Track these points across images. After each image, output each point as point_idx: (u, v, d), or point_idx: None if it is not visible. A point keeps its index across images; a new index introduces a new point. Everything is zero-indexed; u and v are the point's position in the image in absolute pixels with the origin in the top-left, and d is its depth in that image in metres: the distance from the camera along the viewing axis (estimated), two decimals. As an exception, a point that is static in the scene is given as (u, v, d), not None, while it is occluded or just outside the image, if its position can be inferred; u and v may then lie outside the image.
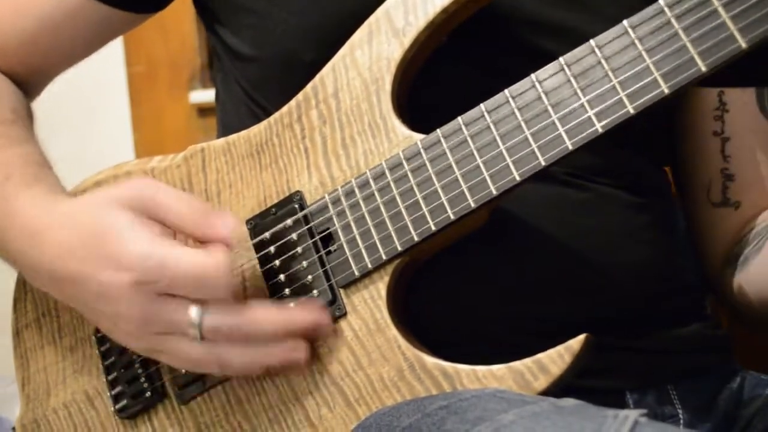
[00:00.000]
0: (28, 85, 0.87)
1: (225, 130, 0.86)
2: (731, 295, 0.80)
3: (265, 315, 0.66)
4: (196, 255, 0.63)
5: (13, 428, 0.83)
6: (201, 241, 0.66)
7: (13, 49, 0.84)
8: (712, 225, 0.82)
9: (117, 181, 0.80)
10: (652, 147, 0.80)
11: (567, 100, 0.65)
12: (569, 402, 0.60)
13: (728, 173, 0.80)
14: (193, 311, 0.64)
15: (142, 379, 0.76)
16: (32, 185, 0.73)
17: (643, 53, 0.63)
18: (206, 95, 1.54)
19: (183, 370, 0.74)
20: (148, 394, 0.76)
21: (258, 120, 0.77)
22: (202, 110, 1.56)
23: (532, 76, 0.66)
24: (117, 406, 0.77)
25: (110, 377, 0.77)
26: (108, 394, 0.78)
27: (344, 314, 0.70)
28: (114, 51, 0.85)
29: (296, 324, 0.66)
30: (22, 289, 0.83)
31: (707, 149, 0.81)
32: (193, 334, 0.64)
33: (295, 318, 0.67)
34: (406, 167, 0.69)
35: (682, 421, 0.74)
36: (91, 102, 1.47)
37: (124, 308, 0.65)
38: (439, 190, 0.68)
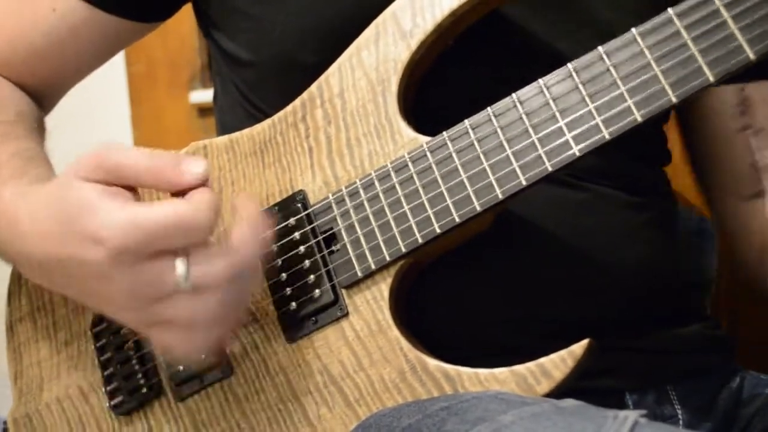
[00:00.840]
0: (41, 96, 0.86)
1: (224, 131, 0.85)
2: None
3: (244, 244, 0.61)
4: (165, 205, 0.59)
5: (5, 422, 0.82)
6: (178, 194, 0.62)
7: (22, 63, 0.84)
8: (746, 219, 0.81)
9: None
10: (653, 148, 0.80)
11: (575, 107, 0.65)
12: (569, 403, 0.60)
13: (758, 166, 0.80)
14: (178, 264, 0.60)
15: (139, 376, 0.75)
16: (19, 177, 0.72)
17: (652, 62, 0.63)
18: (206, 95, 1.53)
19: (180, 367, 0.74)
20: (144, 390, 0.75)
21: (255, 121, 0.77)
22: (202, 110, 1.55)
23: (540, 81, 0.66)
24: (112, 402, 0.76)
25: (106, 373, 0.77)
26: (103, 389, 0.77)
27: (346, 314, 0.70)
28: (114, 50, 0.86)
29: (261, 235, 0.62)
30: (17, 282, 0.83)
31: (734, 147, 0.80)
32: (184, 287, 0.60)
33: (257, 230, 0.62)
34: (412, 169, 0.69)
35: (681, 422, 0.74)
36: (91, 101, 1.45)
37: (112, 284, 0.62)
38: (445, 193, 0.68)
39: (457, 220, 0.67)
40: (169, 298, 0.61)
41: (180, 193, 0.62)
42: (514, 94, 0.67)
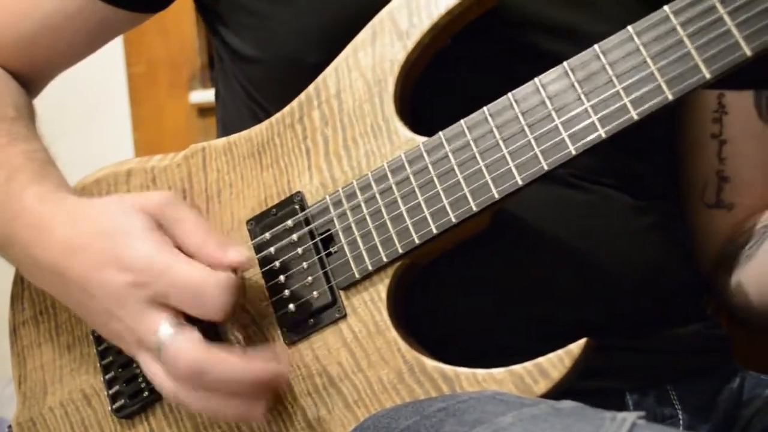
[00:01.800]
0: (30, 82, 0.87)
1: (225, 129, 0.86)
2: (725, 295, 0.81)
3: (230, 366, 0.64)
4: (199, 269, 0.64)
5: (9, 426, 0.82)
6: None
7: (15, 49, 0.84)
8: (706, 225, 0.82)
9: (117, 179, 0.80)
10: (655, 149, 0.80)
11: (570, 105, 0.65)
12: (568, 404, 0.60)
13: (723, 175, 0.81)
14: (164, 328, 0.63)
15: (140, 379, 0.75)
16: (39, 182, 0.74)
17: (648, 59, 0.63)
18: (206, 95, 1.54)
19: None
20: (146, 393, 0.75)
21: (258, 120, 0.77)
22: (202, 110, 1.56)
23: (536, 80, 0.66)
24: (114, 406, 0.77)
25: (108, 376, 0.77)
26: (105, 393, 0.77)
27: (344, 316, 0.70)
28: (114, 51, 0.86)
29: (259, 379, 0.65)
30: (20, 285, 0.83)
31: (704, 151, 0.81)
32: (154, 351, 0.64)
33: (258, 373, 0.65)
34: (408, 170, 0.69)
35: (681, 422, 0.74)
36: (92, 102, 1.46)
37: (116, 307, 0.65)
38: (441, 193, 0.68)
39: (454, 220, 0.67)
40: (147, 351, 0.65)
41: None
42: (510, 94, 0.67)
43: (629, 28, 0.64)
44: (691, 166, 0.82)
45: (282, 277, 0.72)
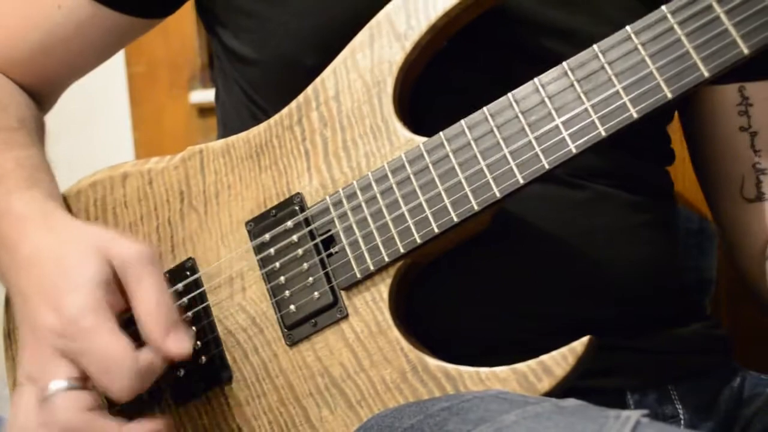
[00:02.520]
0: (41, 95, 0.86)
1: (225, 129, 0.86)
2: None
3: None
4: (121, 346, 0.63)
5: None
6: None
7: (25, 61, 0.84)
8: (748, 221, 0.80)
9: (113, 183, 0.80)
10: (653, 148, 0.80)
11: (570, 104, 0.65)
12: (571, 402, 0.60)
13: (760, 167, 0.79)
14: (60, 381, 0.63)
15: (139, 382, 0.75)
16: (28, 188, 0.73)
17: (647, 59, 0.64)
18: (206, 95, 1.53)
19: (181, 373, 0.73)
20: (144, 396, 0.75)
21: (258, 121, 0.77)
22: (202, 110, 1.56)
23: (536, 80, 0.66)
24: (110, 411, 0.76)
25: (105, 380, 0.76)
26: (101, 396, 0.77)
27: (346, 316, 0.70)
28: (114, 51, 0.87)
29: None
30: (15, 290, 0.82)
31: (736, 146, 0.80)
32: (41, 395, 0.64)
33: None
34: (409, 170, 0.69)
35: (682, 421, 0.74)
36: (92, 102, 1.45)
37: (33, 341, 0.65)
38: (442, 193, 0.68)
39: (456, 219, 0.67)
40: (34, 387, 0.64)
41: None
42: (509, 94, 0.67)
43: (628, 27, 0.64)
44: (725, 162, 0.81)
45: (282, 278, 0.72)
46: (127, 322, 0.66)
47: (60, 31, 0.82)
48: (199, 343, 0.73)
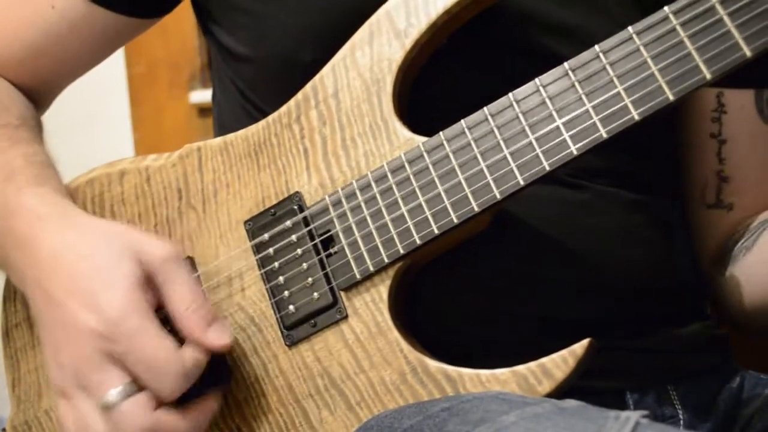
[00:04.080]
0: (38, 96, 0.86)
1: (221, 129, 0.85)
2: (720, 295, 0.81)
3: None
4: (165, 346, 0.63)
5: (3, 430, 0.81)
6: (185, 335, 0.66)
7: (20, 61, 0.83)
8: (706, 225, 0.82)
9: (110, 180, 0.79)
10: (653, 148, 0.80)
11: (571, 105, 0.65)
12: (571, 403, 0.60)
13: (723, 175, 0.81)
14: (117, 389, 0.63)
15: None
16: (39, 184, 0.73)
17: (649, 60, 0.63)
18: (206, 95, 1.52)
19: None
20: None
21: (254, 120, 0.77)
22: (202, 110, 1.55)
23: (537, 80, 0.66)
24: (111, 408, 0.76)
25: (104, 379, 0.76)
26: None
27: (345, 317, 0.70)
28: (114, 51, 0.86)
29: None
30: (12, 288, 0.82)
31: (704, 150, 0.81)
32: (101, 407, 0.64)
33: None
34: (408, 170, 0.69)
35: (682, 421, 0.75)
36: (92, 102, 1.45)
37: (72, 345, 0.65)
38: (442, 194, 0.68)
39: (456, 220, 0.67)
40: (89, 397, 0.65)
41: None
42: (510, 94, 0.67)
43: (630, 28, 0.64)
44: (692, 166, 0.83)
45: (282, 278, 0.72)
46: (162, 322, 0.66)
47: (54, 31, 0.82)
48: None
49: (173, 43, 1.53)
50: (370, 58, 0.72)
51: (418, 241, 0.68)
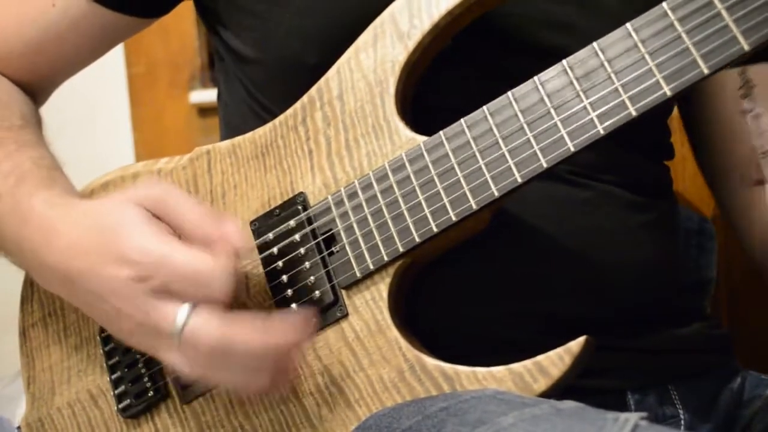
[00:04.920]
0: (35, 91, 0.88)
1: (228, 128, 0.87)
2: None
3: (252, 341, 0.63)
4: (195, 253, 0.63)
5: (18, 428, 0.83)
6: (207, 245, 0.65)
7: (19, 58, 0.85)
8: (754, 204, 0.79)
9: (124, 182, 0.81)
10: (654, 145, 0.79)
11: (569, 102, 0.65)
12: (569, 404, 0.59)
13: (761, 151, 0.78)
14: (180, 312, 0.63)
15: (146, 379, 0.76)
16: (48, 187, 0.74)
17: (646, 56, 0.63)
18: (206, 95, 1.55)
19: (185, 370, 0.74)
20: (151, 393, 0.76)
21: (261, 120, 0.78)
22: (202, 110, 1.57)
23: (535, 78, 0.66)
24: (120, 406, 0.77)
25: (114, 376, 0.78)
26: (111, 393, 0.78)
27: (346, 315, 0.70)
28: (114, 52, 0.86)
29: (281, 350, 0.64)
30: (29, 288, 0.84)
31: (737, 130, 0.79)
32: (174, 340, 0.63)
33: (279, 344, 0.64)
34: (409, 169, 0.69)
35: (682, 422, 0.74)
36: (92, 102, 1.48)
37: (123, 305, 0.65)
38: (441, 192, 0.68)
39: (454, 218, 0.67)
40: (164, 341, 0.64)
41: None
42: (509, 92, 0.67)
43: (628, 24, 0.64)
44: (730, 147, 0.80)
45: (285, 277, 0.72)
46: None
47: (54, 28, 0.84)
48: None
49: (173, 43, 1.55)
50: (374, 60, 0.73)
51: (417, 239, 0.68)
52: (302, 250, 0.72)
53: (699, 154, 0.84)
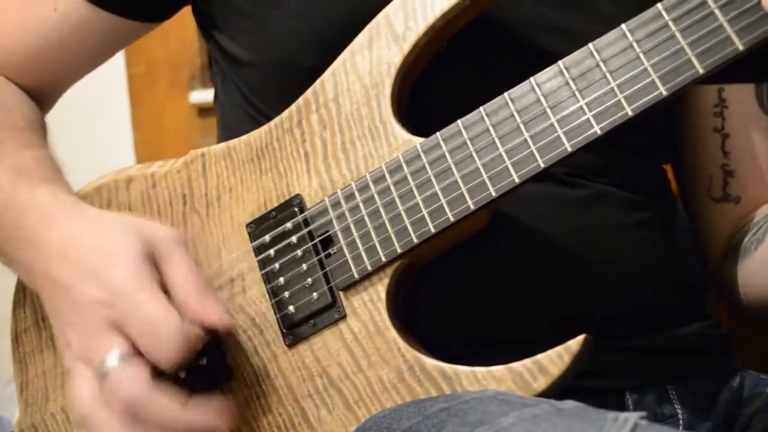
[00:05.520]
0: (39, 98, 0.88)
1: (225, 130, 0.87)
2: (730, 289, 0.80)
3: (166, 411, 0.63)
4: (165, 311, 0.63)
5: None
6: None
7: (21, 64, 0.85)
8: (712, 220, 0.82)
9: (118, 187, 0.81)
10: (652, 147, 0.80)
11: (565, 103, 0.65)
12: (569, 404, 0.60)
13: (728, 169, 0.81)
14: (115, 354, 0.63)
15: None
16: (52, 182, 0.74)
17: (641, 56, 0.63)
18: (206, 95, 1.55)
19: (183, 374, 0.74)
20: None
21: (256, 123, 0.78)
22: (202, 110, 1.57)
23: (531, 79, 0.66)
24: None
25: (109, 381, 0.77)
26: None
27: (344, 317, 0.70)
28: (114, 52, 0.88)
29: (195, 429, 0.64)
30: (21, 293, 0.83)
31: (708, 145, 0.81)
32: (98, 373, 0.63)
33: (192, 424, 0.64)
34: (406, 170, 0.70)
35: (681, 421, 0.74)
36: (92, 102, 1.47)
37: (78, 320, 0.65)
38: (439, 193, 0.68)
39: (452, 219, 0.67)
40: (88, 370, 0.64)
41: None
42: (506, 93, 0.67)
43: (623, 25, 0.64)
44: (696, 161, 0.82)
45: (282, 279, 0.72)
46: None
47: (56, 34, 0.83)
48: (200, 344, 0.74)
49: (173, 43, 1.55)
50: (370, 62, 0.73)
51: (416, 240, 0.68)
52: (299, 252, 0.72)
53: (673, 165, 0.86)
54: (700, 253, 0.85)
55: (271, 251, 0.73)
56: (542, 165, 0.65)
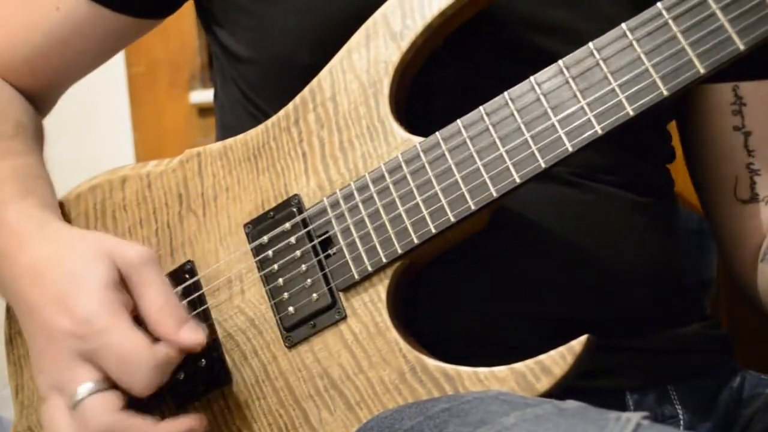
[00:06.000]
0: (39, 98, 0.86)
1: (223, 130, 0.86)
2: (765, 290, 0.77)
3: None
4: (137, 340, 0.63)
5: None
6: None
7: (22, 64, 0.84)
8: (742, 223, 0.79)
9: (112, 187, 0.80)
10: (654, 147, 0.80)
11: (566, 103, 0.65)
12: (571, 404, 0.60)
13: (754, 168, 0.78)
14: (86, 385, 0.64)
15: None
16: (23, 197, 0.74)
17: (642, 56, 0.63)
18: (206, 95, 1.54)
19: (182, 376, 0.73)
20: (145, 398, 0.75)
21: (255, 121, 0.77)
22: (202, 110, 1.56)
23: (531, 78, 0.66)
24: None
25: (106, 383, 0.77)
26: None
27: (344, 318, 0.70)
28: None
29: None
30: (16, 295, 0.82)
31: (729, 145, 0.79)
32: (69, 403, 0.64)
33: None
34: (405, 170, 0.69)
35: (682, 421, 0.74)
36: (92, 102, 1.46)
37: (49, 348, 0.65)
38: (439, 193, 0.68)
39: (452, 219, 0.67)
40: (60, 396, 0.64)
41: None
42: (505, 92, 0.67)
43: (623, 25, 0.64)
44: (718, 163, 0.79)
45: (281, 280, 0.72)
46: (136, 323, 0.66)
47: (58, 32, 0.82)
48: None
49: (173, 43, 1.54)
50: (367, 61, 0.72)
51: (416, 240, 0.68)
52: (298, 253, 0.72)
53: (691, 168, 0.84)
54: (724, 259, 0.82)
55: (270, 252, 0.73)
56: (543, 165, 0.65)
